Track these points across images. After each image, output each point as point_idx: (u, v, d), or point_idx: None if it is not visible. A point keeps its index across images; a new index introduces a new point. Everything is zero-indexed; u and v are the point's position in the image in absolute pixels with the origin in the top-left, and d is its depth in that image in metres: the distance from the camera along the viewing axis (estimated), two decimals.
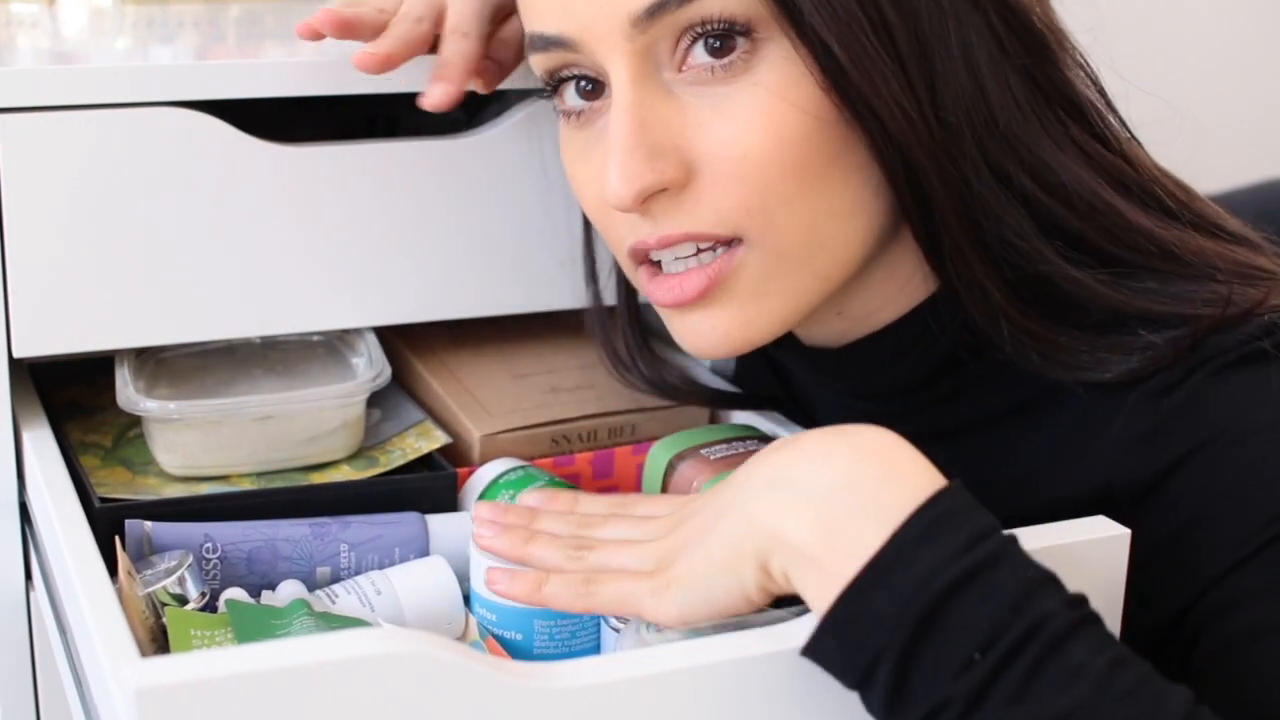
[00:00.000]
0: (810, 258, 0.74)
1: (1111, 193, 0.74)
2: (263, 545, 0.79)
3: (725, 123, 0.71)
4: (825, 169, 0.71)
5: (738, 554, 0.62)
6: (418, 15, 0.84)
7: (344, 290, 0.90)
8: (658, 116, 0.72)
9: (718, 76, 0.71)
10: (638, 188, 0.71)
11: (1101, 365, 0.73)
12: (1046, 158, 0.73)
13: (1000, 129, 0.72)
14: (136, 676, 0.52)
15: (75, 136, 0.82)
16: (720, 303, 0.75)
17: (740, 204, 0.72)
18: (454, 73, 0.83)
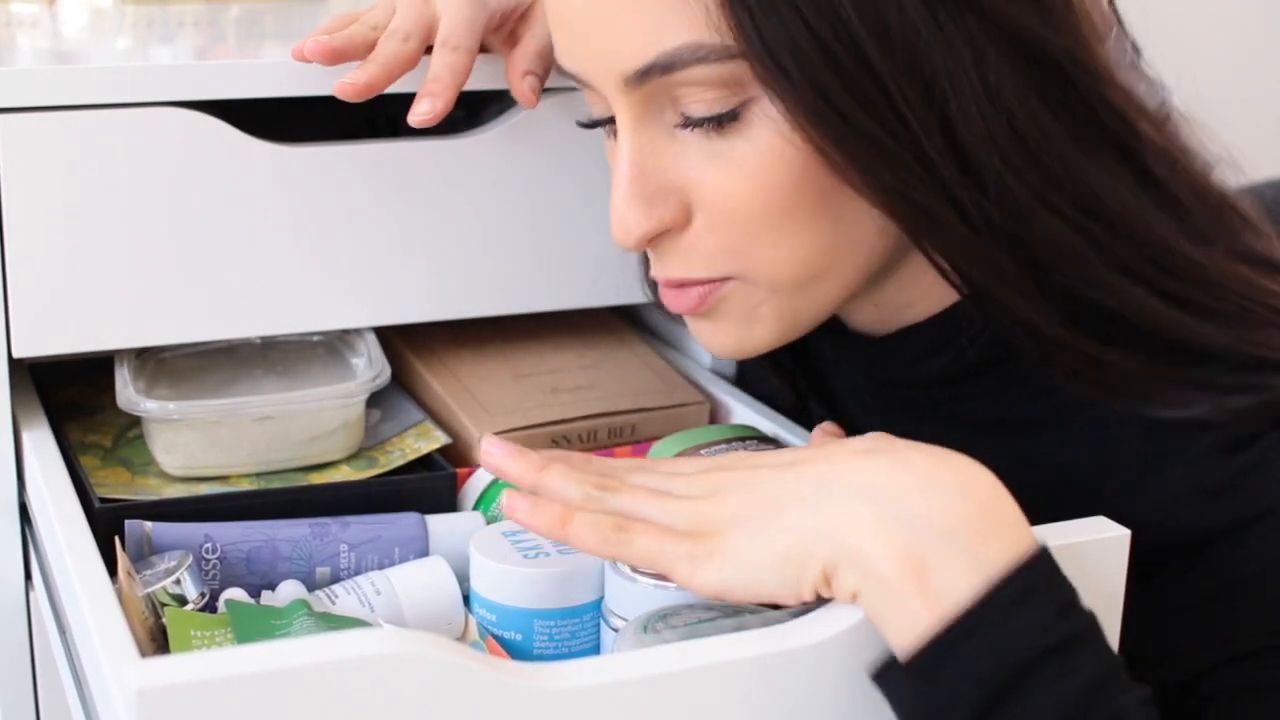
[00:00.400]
0: (804, 288, 0.75)
1: (1156, 216, 0.73)
2: (262, 545, 0.79)
3: (718, 174, 0.72)
4: (817, 212, 0.72)
5: (805, 553, 0.61)
6: (405, 32, 0.83)
7: (344, 290, 0.90)
8: (657, 162, 0.73)
9: (712, 130, 0.72)
10: (636, 235, 0.74)
11: (1167, 399, 0.72)
12: (1089, 183, 0.71)
13: (1040, 158, 0.71)
14: (137, 677, 0.52)
15: (75, 136, 0.82)
16: (716, 319, 0.77)
17: (730, 249, 0.73)
18: (441, 87, 0.83)
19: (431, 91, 0.83)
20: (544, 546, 0.75)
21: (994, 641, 0.57)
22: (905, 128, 0.68)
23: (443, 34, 0.84)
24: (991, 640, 0.57)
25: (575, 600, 0.73)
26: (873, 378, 0.86)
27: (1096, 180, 0.72)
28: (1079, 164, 0.71)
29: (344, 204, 0.88)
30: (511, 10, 0.88)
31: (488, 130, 0.91)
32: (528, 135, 0.92)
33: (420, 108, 0.82)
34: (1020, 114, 0.70)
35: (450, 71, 0.83)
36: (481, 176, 0.91)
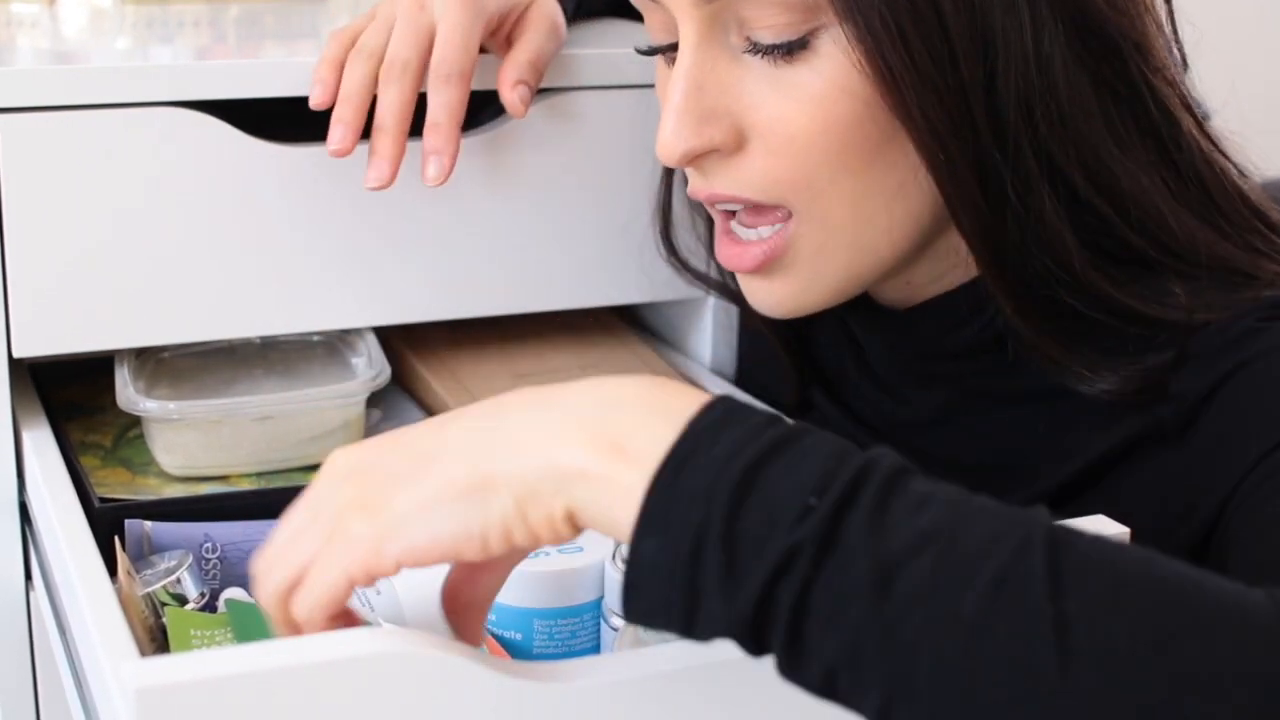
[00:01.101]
0: (858, 234, 0.76)
1: (1173, 206, 0.75)
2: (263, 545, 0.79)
3: (780, 101, 0.73)
4: (872, 154, 0.73)
5: (489, 494, 0.55)
6: (404, 62, 0.82)
7: (344, 290, 0.90)
8: (717, 81, 0.74)
9: (778, 56, 0.73)
10: (683, 149, 0.74)
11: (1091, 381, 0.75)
12: (1109, 160, 0.74)
13: (1067, 128, 0.73)
14: (136, 676, 0.52)
15: (75, 136, 0.82)
16: (776, 275, 0.78)
17: (786, 178, 0.74)
18: (442, 139, 0.83)
19: (436, 148, 0.83)
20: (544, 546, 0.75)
21: (710, 458, 0.52)
22: (959, 79, 0.70)
23: (436, 59, 0.83)
24: (706, 458, 0.52)
25: (575, 600, 0.73)
26: (896, 351, 0.87)
27: (1121, 166, 0.74)
28: (1108, 147, 0.73)
29: (344, 204, 0.88)
30: (510, 11, 0.88)
31: (487, 130, 0.91)
32: (527, 135, 0.92)
33: (429, 173, 0.83)
34: (1063, 88, 0.72)
35: (448, 113, 0.83)
36: (481, 177, 0.91)
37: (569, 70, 0.92)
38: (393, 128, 0.83)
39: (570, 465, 0.54)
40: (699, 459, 0.52)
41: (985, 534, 0.50)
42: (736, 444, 0.52)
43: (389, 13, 0.85)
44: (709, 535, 0.51)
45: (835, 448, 0.53)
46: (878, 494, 0.51)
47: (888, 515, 0.51)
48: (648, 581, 0.52)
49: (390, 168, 0.83)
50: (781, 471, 0.52)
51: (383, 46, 0.84)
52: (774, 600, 0.50)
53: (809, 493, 0.51)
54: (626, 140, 0.95)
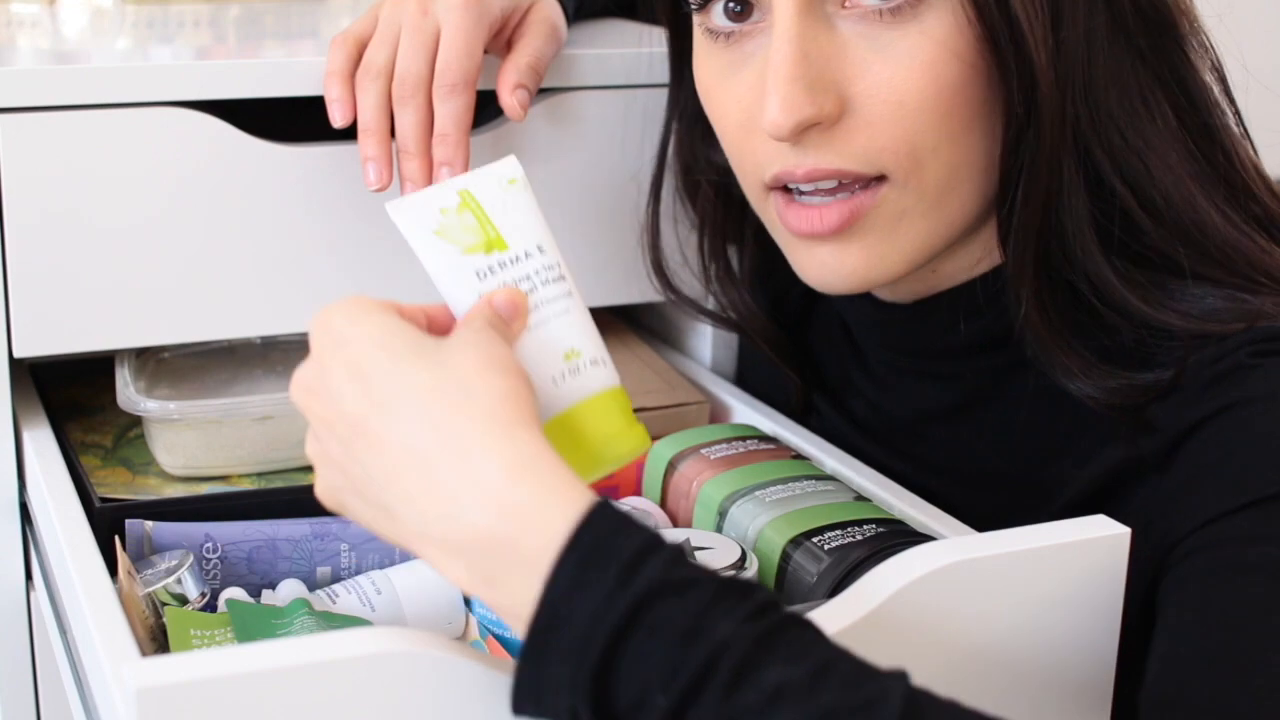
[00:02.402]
0: (944, 203, 0.76)
1: (1203, 190, 0.75)
2: (263, 545, 0.79)
3: (886, 66, 0.73)
4: (972, 120, 0.73)
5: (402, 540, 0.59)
6: (415, 79, 0.82)
7: (344, 290, 0.89)
8: (820, 49, 0.73)
9: (884, 20, 0.72)
10: (797, 119, 0.72)
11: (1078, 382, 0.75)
12: (1139, 141, 0.74)
13: (1100, 111, 0.73)
14: (137, 676, 0.52)
15: (75, 136, 0.82)
16: (854, 238, 0.76)
17: (891, 145, 0.73)
18: (451, 149, 0.83)
19: (447, 159, 0.83)
20: None
21: (569, 639, 0.53)
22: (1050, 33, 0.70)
23: (440, 66, 0.83)
24: (565, 639, 0.53)
25: None
26: (896, 349, 0.86)
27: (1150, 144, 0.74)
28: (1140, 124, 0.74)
29: (343, 204, 0.88)
30: (511, 14, 0.88)
31: (487, 131, 0.91)
32: (527, 136, 0.92)
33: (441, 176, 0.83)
34: (1100, 53, 0.72)
35: (455, 122, 0.83)
36: None
37: (569, 71, 0.92)
38: (417, 150, 0.83)
39: (461, 581, 0.57)
40: (559, 638, 0.53)
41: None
42: (590, 620, 0.53)
43: (391, 17, 0.84)
44: (579, 677, 0.53)
45: (691, 614, 0.52)
46: (723, 691, 0.51)
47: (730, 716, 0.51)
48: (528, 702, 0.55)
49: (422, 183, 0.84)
50: (632, 657, 0.52)
51: (390, 61, 0.84)
52: None
53: (656, 688, 0.52)
54: (626, 140, 0.95)
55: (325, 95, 0.84)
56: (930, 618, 0.64)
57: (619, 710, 0.53)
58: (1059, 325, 0.75)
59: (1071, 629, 0.67)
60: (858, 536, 0.73)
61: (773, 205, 0.78)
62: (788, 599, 0.73)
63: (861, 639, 0.62)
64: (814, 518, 0.75)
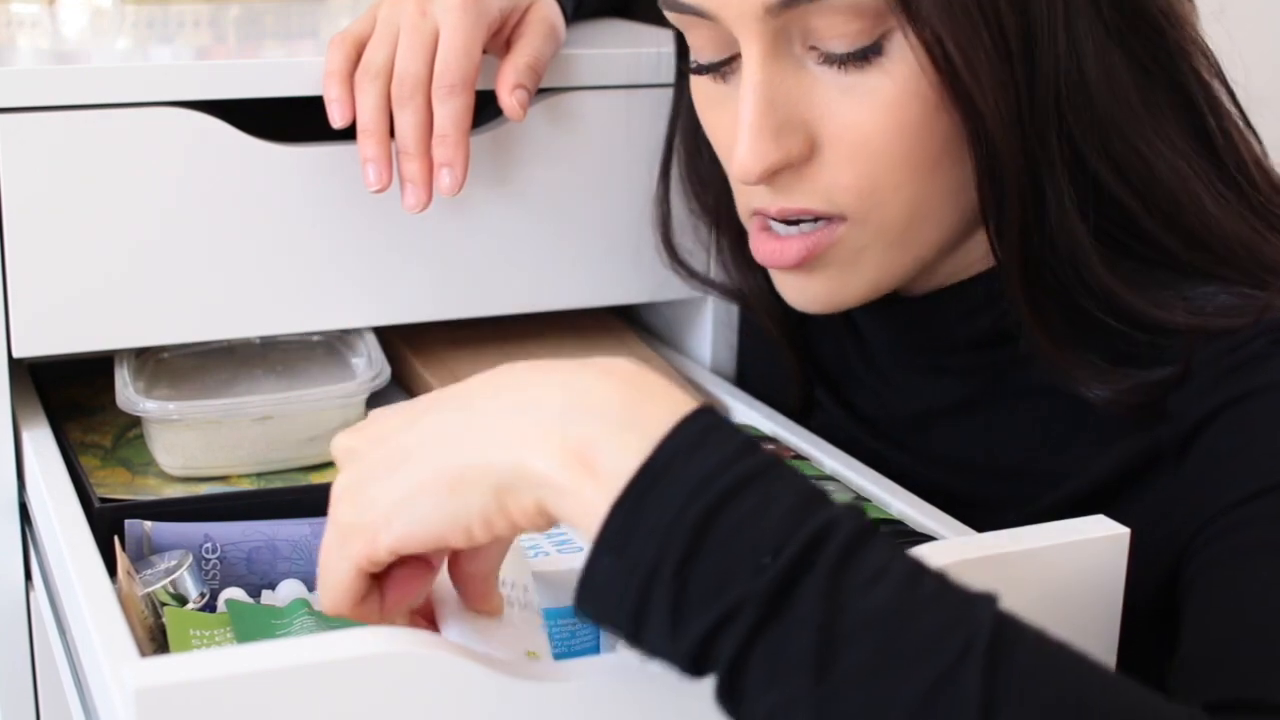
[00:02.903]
0: (907, 238, 0.77)
1: (1210, 191, 0.75)
2: (262, 545, 0.79)
3: (851, 108, 0.74)
4: (937, 157, 0.74)
5: (467, 489, 0.56)
6: (414, 80, 0.83)
7: (344, 290, 0.90)
8: (786, 93, 0.74)
9: (847, 64, 0.73)
10: (763, 166, 0.74)
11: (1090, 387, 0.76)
12: (1141, 145, 0.74)
13: (1095, 111, 0.73)
14: (136, 676, 0.52)
15: (75, 136, 0.82)
16: (815, 271, 0.78)
17: (853, 185, 0.75)
18: (452, 149, 0.83)
19: (447, 160, 0.84)
20: (544, 545, 0.75)
21: (676, 486, 0.52)
22: (1010, 72, 0.71)
23: (439, 67, 0.83)
24: (673, 486, 0.52)
25: None
26: (903, 342, 0.87)
27: (1152, 147, 0.74)
28: (1141, 127, 0.74)
29: (342, 204, 0.88)
30: (510, 13, 0.88)
31: (486, 131, 0.91)
32: (526, 136, 0.92)
33: (443, 184, 0.84)
34: (1094, 69, 0.73)
35: (454, 123, 0.83)
36: (480, 177, 0.91)
37: (568, 71, 0.92)
38: (417, 151, 0.84)
39: (537, 472, 0.55)
40: (662, 490, 0.52)
41: (932, 626, 0.51)
42: (702, 478, 0.52)
43: (389, 17, 0.84)
44: (661, 574, 0.52)
45: (800, 499, 0.53)
46: (833, 562, 0.51)
47: (839, 588, 0.51)
48: (598, 597, 0.54)
49: (426, 191, 0.84)
50: (741, 520, 0.52)
51: (389, 61, 0.84)
52: (714, 649, 0.52)
53: (765, 550, 0.51)
54: (625, 140, 0.95)
55: (324, 96, 0.84)
56: None
57: (709, 566, 0.51)
58: (1063, 335, 0.76)
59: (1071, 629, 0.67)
60: None
61: (752, 229, 0.80)
62: None
63: None
64: None
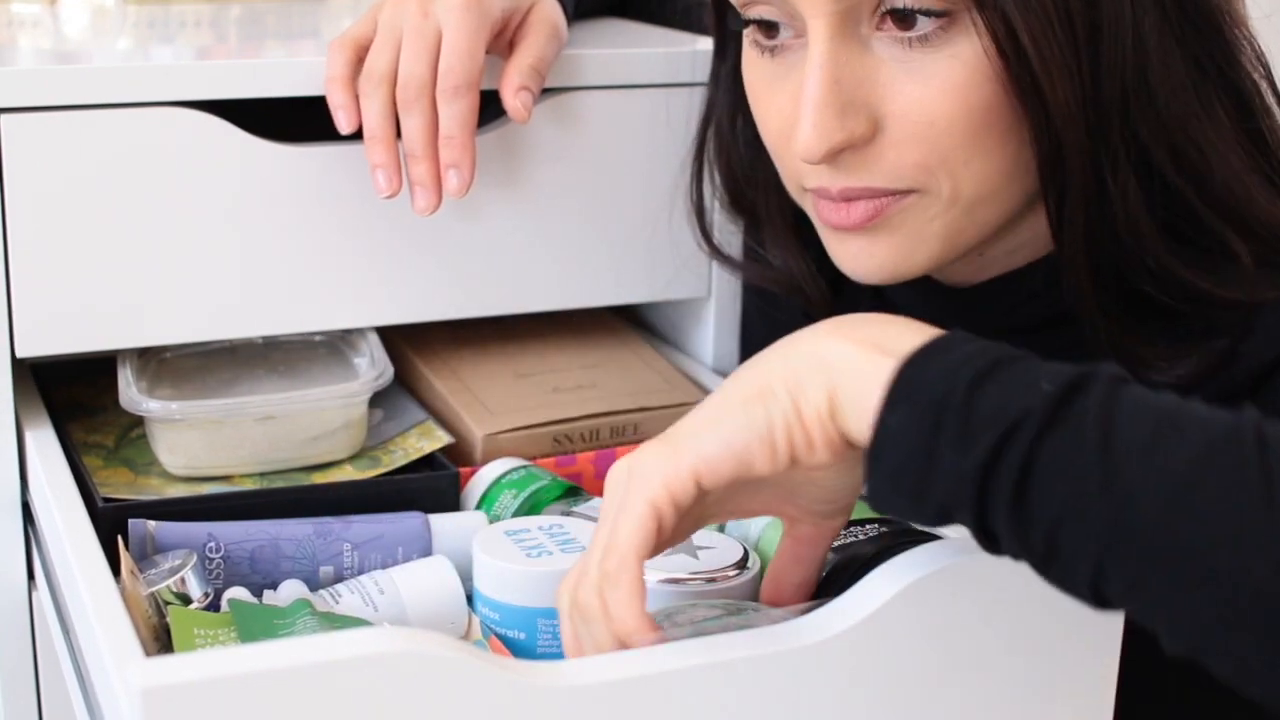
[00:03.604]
0: (975, 209, 0.77)
1: (1260, 185, 0.76)
2: (266, 545, 0.79)
3: (917, 87, 0.74)
4: (1003, 135, 0.74)
5: (764, 391, 0.61)
6: (419, 80, 0.83)
7: (346, 290, 0.90)
8: (852, 73, 0.74)
9: (914, 45, 0.73)
10: (828, 145, 0.74)
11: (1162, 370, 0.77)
12: (1199, 140, 0.75)
13: (1157, 107, 0.74)
14: (141, 676, 0.52)
15: (77, 136, 0.82)
16: (882, 233, 0.78)
17: (921, 163, 0.75)
18: (458, 150, 0.83)
19: (454, 161, 0.84)
20: (547, 545, 0.75)
21: (961, 348, 0.58)
22: (1078, 61, 0.71)
23: (443, 68, 0.83)
24: (958, 349, 0.58)
25: None
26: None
27: (1208, 140, 0.75)
28: (1196, 122, 0.74)
29: (345, 204, 0.88)
30: (513, 14, 0.88)
31: (488, 131, 0.91)
32: (529, 136, 0.92)
33: (450, 186, 0.84)
34: (1156, 65, 0.73)
35: (460, 124, 0.83)
36: (483, 177, 0.91)
37: (570, 71, 0.92)
38: (424, 154, 0.84)
39: (833, 355, 0.60)
40: (947, 354, 0.58)
41: (1202, 411, 0.55)
42: (981, 349, 0.58)
43: (391, 20, 0.84)
44: (949, 405, 0.56)
45: (1067, 369, 0.57)
46: (1106, 382, 0.56)
47: (1114, 395, 0.56)
48: (888, 449, 0.58)
49: (436, 193, 0.84)
50: (1021, 369, 0.57)
51: (393, 66, 0.84)
52: (1002, 459, 0.55)
53: (1044, 379, 0.56)
54: (628, 140, 0.95)
55: (329, 102, 0.84)
56: (931, 618, 0.64)
57: (989, 397, 0.56)
58: (1123, 318, 0.76)
59: (1073, 629, 0.67)
60: (860, 536, 0.73)
61: (809, 201, 0.80)
62: None
63: (864, 639, 0.62)
64: None
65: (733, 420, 0.61)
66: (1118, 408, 0.55)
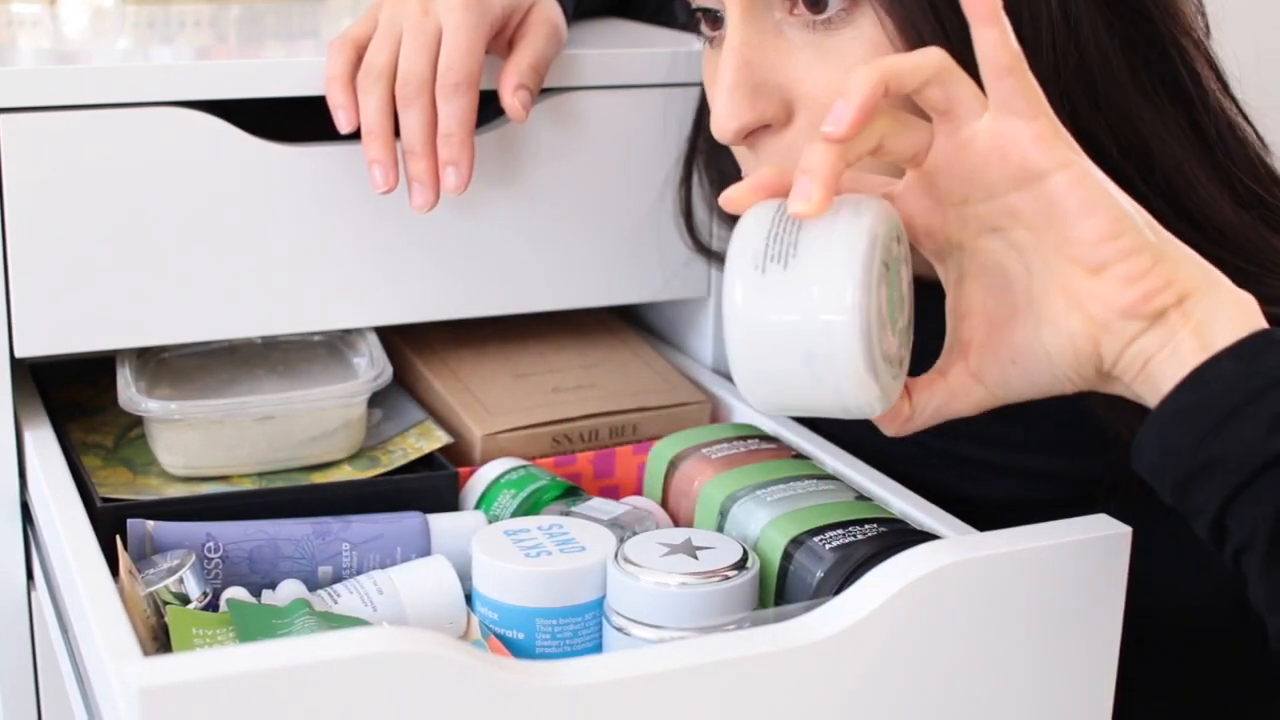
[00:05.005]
0: None
1: (1203, 175, 0.76)
2: (264, 545, 0.79)
3: (825, 69, 0.74)
4: None
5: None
6: (419, 77, 0.83)
7: (345, 290, 0.90)
8: (764, 56, 0.75)
9: (818, 29, 0.74)
10: (737, 125, 0.75)
11: None
12: (1141, 129, 0.75)
13: (1099, 95, 0.74)
14: (140, 675, 0.52)
15: (77, 136, 0.82)
16: None
17: None
18: (457, 148, 0.83)
19: (452, 159, 0.84)
20: (546, 545, 0.75)
21: None
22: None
23: (443, 65, 0.83)
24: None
25: (577, 599, 0.73)
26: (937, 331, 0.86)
27: (1150, 129, 0.75)
28: (1138, 110, 0.74)
29: (344, 204, 0.88)
30: (512, 13, 0.88)
31: (488, 131, 0.91)
32: (527, 136, 0.92)
33: (449, 183, 0.84)
34: (1094, 54, 0.73)
35: (459, 122, 0.83)
36: (481, 177, 0.91)
37: (569, 70, 0.92)
38: (423, 151, 0.84)
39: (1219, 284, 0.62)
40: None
41: None
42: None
43: (391, 18, 0.84)
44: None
45: None
46: None
47: None
48: (1207, 386, 0.59)
49: (433, 190, 0.84)
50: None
51: (392, 62, 0.84)
52: None
53: None
54: (626, 140, 0.95)
55: (328, 101, 0.84)
56: (931, 617, 0.64)
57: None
58: None
59: (1072, 629, 0.67)
60: (859, 536, 0.73)
61: None
62: (789, 599, 0.73)
63: (864, 638, 0.62)
64: (815, 517, 0.75)
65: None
66: None
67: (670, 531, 0.75)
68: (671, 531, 0.75)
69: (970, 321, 0.67)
